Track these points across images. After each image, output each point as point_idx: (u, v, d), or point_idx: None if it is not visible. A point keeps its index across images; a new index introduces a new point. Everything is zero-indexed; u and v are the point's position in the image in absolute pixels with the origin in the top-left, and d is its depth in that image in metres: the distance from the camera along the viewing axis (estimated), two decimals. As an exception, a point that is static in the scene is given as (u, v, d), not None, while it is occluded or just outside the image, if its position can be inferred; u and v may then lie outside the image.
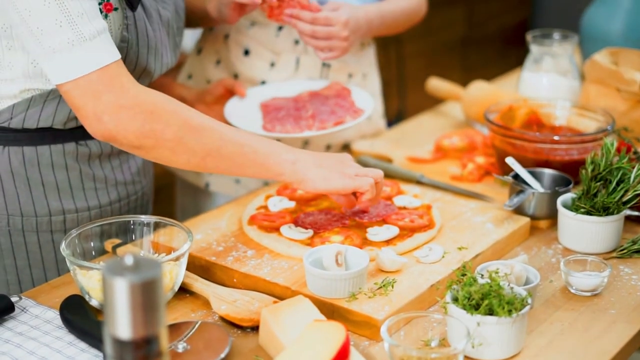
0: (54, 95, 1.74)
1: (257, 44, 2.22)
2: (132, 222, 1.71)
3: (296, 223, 1.82)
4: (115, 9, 1.69)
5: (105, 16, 1.68)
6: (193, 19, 2.15)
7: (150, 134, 1.59)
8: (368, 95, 2.14)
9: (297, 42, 2.20)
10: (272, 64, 2.23)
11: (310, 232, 1.78)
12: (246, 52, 2.24)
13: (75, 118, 1.78)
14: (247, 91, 2.15)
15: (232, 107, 2.12)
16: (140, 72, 1.79)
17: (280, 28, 2.19)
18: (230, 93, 2.18)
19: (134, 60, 1.75)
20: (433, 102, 2.76)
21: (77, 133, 1.82)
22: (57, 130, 1.80)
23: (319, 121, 2.05)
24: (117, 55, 1.60)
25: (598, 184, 1.80)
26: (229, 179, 2.32)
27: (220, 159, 1.64)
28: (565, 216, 1.81)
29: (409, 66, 4.36)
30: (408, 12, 2.29)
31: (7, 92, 1.74)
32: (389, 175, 2.12)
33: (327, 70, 2.25)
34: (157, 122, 1.59)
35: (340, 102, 2.09)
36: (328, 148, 2.34)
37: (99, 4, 1.67)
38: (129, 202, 1.96)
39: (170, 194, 2.57)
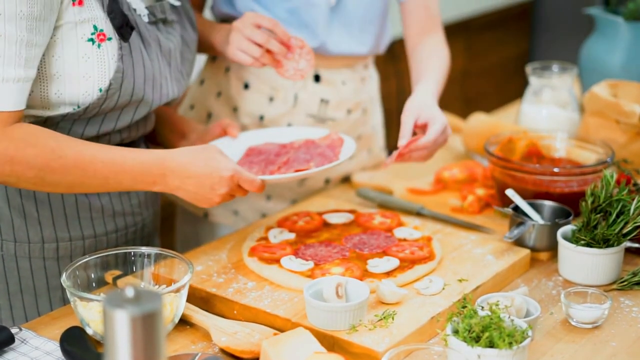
0: (50, 123, 1.74)
1: (256, 79, 2.23)
2: (132, 253, 1.71)
3: (297, 255, 1.82)
4: (109, 39, 1.70)
5: (98, 46, 1.69)
6: (204, 49, 2.17)
7: (12, 174, 1.62)
8: (353, 148, 2.03)
9: None
10: (271, 99, 2.23)
11: (311, 263, 1.78)
12: (246, 86, 2.25)
13: None
14: (246, 134, 2.12)
15: (220, 146, 2.08)
16: (137, 101, 1.79)
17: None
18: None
19: (130, 89, 1.75)
20: (433, 133, 2.75)
21: None
22: None
23: (288, 167, 1.97)
24: (10, 107, 1.61)
25: (598, 215, 1.80)
26: (227, 209, 2.32)
27: (86, 188, 1.70)
28: (565, 248, 1.81)
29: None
30: (447, 62, 2.25)
31: None
32: (389, 207, 2.12)
33: (325, 106, 2.25)
34: (17, 165, 1.61)
35: (327, 151, 2.03)
36: (327, 182, 2.34)
37: (92, 33, 1.68)
38: (126, 234, 1.95)
39: (172, 225, 2.57)
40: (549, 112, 2.53)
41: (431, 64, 2.19)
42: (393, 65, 2.25)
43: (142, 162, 1.69)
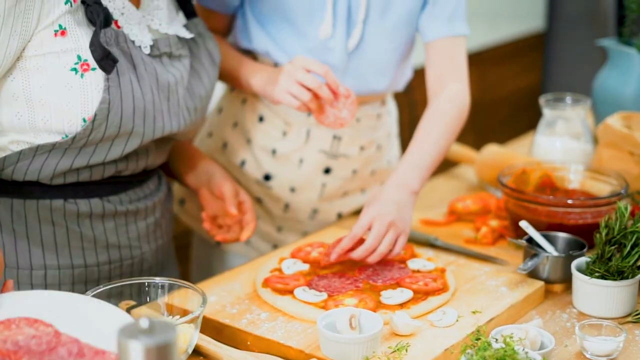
0: (43, 150, 1.75)
1: (271, 112, 2.23)
2: (146, 283, 1.71)
3: (310, 286, 1.82)
4: (93, 69, 1.70)
5: (82, 75, 1.69)
6: (226, 80, 2.18)
7: None
8: None
9: (309, 113, 2.20)
10: (284, 133, 2.23)
11: (324, 295, 1.78)
12: (261, 119, 2.25)
13: (63, 174, 1.79)
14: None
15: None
16: (126, 133, 1.78)
17: None
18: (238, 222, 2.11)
19: (117, 121, 1.74)
20: (446, 165, 2.76)
21: (67, 190, 1.82)
22: (45, 186, 1.80)
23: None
24: None
25: (612, 247, 1.80)
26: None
27: None
28: (579, 280, 1.81)
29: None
30: (451, 126, 2.12)
31: None
32: (402, 238, 2.12)
33: (337, 142, 2.25)
34: None
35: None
36: (339, 216, 2.34)
37: (75, 63, 1.68)
38: (121, 266, 1.92)
39: (187, 255, 2.58)
40: (562, 144, 2.53)
41: (430, 136, 2.07)
42: (406, 96, 2.24)
43: None
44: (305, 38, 2.13)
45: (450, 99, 2.13)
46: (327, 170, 2.26)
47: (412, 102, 4.09)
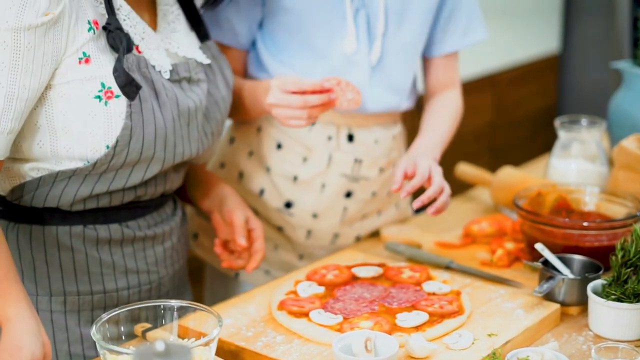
0: (63, 177, 1.75)
1: (289, 138, 2.22)
2: (162, 306, 1.71)
3: (325, 308, 1.82)
4: (117, 96, 1.70)
5: (105, 103, 1.69)
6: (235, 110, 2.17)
7: None
8: None
9: (329, 138, 2.21)
10: (305, 159, 2.23)
11: (340, 317, 1.78)
12: (279, 146, 2.24)
13: (83, 201, 1.79)
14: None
15: None
16: (147, 159, 1.78)
17: (313, 123, 2.20)
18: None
19: (139, 147, 1.74)
20: (462, 187, 2.77)
21: (87, 216, 1.82)
22: (65, 212, 1.80)
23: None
24: None
25: (628, 270, 1.79)
26: (259, 269, 2.32)
27: None
28: (595, 303, 1.80)
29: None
30: (455, 119, 2.35)
31: (17, 170, 1.76)
32: (418, 260, 2.12)
33: (358, 165, 2.25)
34: None
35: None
36: (357, 239, 2.34)
37: (99, 90, 1.68)
38: (140, 292, 1.92)
39: (200, 278, 2.58)
40: (577, 166, 2.53)
41: (437, 119, 2.30)
42: (419, 118, 2.27)
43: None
44: (328, 57, 2.15)
45: (452, 98, 2.35)
46: (348, 194, 2.27)
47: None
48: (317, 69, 2.15)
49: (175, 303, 1.71)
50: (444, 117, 2.30)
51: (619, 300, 1.77)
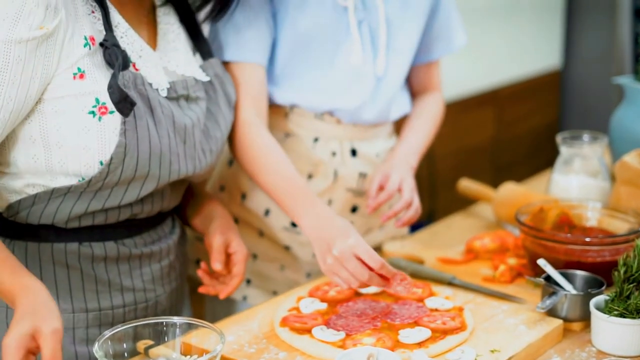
0: (58, 194, 1.75)
1: (293, 155, 2.20)
2: (164, 323, 1.71)
3: (328, 325, 1.82)
4: (112, 112, 1.70)
5: (99, 119, 1.69)
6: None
7: None
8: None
9: (334, 153, 2.21)
10: (310, 176, 2.23)
11: (342, 334, 1.78)
12: None
13: (78, 218, 1.79)
14: None
15: None
16: (142, 177, 1.78)
17: (316, 140, 2.20)
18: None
19: (133, 164, 1.74)
20: (464, 203, 2.77)
21: (82, 234, 1.82)
22: (60, 229, 1.80)
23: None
24: None
25: (631, 285, 1.79)
26: (266, 290, 2.32)
27: None
28: (598, 318, 1.80)
29: (439, 167, 4.39)
30: (436, 121, 2.41)
31: (13, 186, 1.76)
32: (420, 276, 2.12)
33: (363, 180, 2.26)
34: None
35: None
36: None
37: (93, 106, 1.69)
38: (136, 309, 1.91)
39: (201, 295, 2.57)
40: (579, 182, 2.53)
41: (417, 122, 2.35)
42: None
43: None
44: (337, 70, 2.15)
45: (432, 102, 2.40)
46: (354, 209, 2.27)
47: (431, 157, 4.10)
48: (325, 85, 2.16)
49: (177, 320, 1.71)
50: (424, 120, 2.35)
51: (621, 315, 1.77)
